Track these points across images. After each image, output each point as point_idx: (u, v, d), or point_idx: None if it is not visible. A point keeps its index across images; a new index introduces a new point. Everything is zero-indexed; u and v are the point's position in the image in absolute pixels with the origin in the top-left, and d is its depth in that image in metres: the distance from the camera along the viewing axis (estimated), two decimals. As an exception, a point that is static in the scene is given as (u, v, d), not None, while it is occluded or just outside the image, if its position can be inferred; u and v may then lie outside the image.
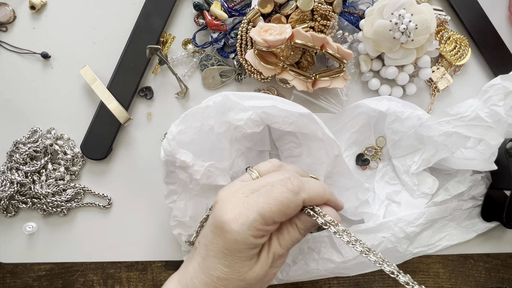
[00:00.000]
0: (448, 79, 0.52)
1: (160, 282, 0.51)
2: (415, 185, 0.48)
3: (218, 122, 0.42)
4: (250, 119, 0.41)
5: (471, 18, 0.52)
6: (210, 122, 0.42)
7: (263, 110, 0.41)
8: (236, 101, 0.41)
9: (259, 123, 0.42)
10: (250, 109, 0.41)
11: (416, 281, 0.51)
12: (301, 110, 0.42)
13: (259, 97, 0.43)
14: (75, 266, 0.52)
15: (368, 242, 0.47)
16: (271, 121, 0.41)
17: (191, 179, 0.43)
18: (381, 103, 0.48)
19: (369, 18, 0.48)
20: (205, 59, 0.51)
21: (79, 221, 0.52)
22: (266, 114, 0.41)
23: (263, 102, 0.41)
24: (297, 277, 0.47)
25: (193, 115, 0.42)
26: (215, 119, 0.42)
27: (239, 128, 0.41)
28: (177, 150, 0.41)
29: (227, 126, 0.42)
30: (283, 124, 0.42)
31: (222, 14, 0.49)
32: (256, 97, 0.42)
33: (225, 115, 0.42)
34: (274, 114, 0.41)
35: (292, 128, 0.42)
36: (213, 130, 0.42)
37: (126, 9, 0.52)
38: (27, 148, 0.50)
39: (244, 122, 0.41)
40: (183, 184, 0.44)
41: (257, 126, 0.42)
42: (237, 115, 0.41)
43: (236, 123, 0.41)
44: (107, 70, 0.51)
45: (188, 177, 0.43)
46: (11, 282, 0.52)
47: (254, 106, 0.41)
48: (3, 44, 0.52)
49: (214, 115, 0.42)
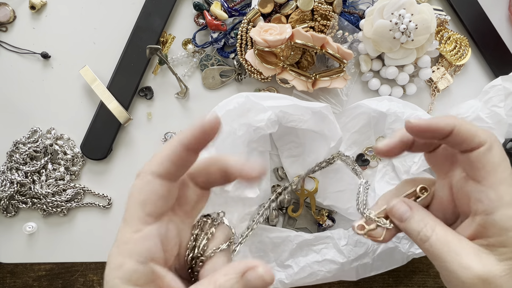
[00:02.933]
0: (448, 79, 0.52)
1: (160, 282, 0.51)
2: None
3: (238, 124, 0.41)
4: (270, 120, 0.41)
5: (471, 18, 0.52)
6: (233, 125, 0.40)
7: (281, 109, 0.41)
8: (256, 102, 0.41)
9: (276, 123, 0.41)
10: (269, 109, 0.41)
11: (416, 281, 0.51)
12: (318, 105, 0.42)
13: (276, 97, 0.42)
14: (75, 266, 0.52)
15: (370, 242, 0.47)
16: (287, 119, 0.41)
17: (221, 191, 0.41)
18: (381, 103, 0.48)
19: (369, 18, 0.48)
20: (205, 59, 0.51)
21: (79, 221, 0.52)
22: (283, 113, 0.41)
23: (281, 101, 0.41)
24: (301, 280, 0.47)
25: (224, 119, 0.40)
26: (236, 121, 0.41)
27: (259, 129, 0.40)
28: None
29: (246, 128, 0.41)
30: (299, 122, 0.41)
31: (222, 14, 0.49)
32: (273, 97, 0.42)
33: (244, 117, 0.41)
34: (291, 113, 0.41)
35: (307, 126, 0.42)
36: (235, 134, 0.41)
37: (126, 9, 0.52)
38: (27, 148, 0.50)
39: (265, 123, 0.40)
40: None
41: (274, 126, 0.41)
42: (257, 116, 0.40)
43: (257, 124, 0.40)
44: (107, 70, 0.51)
45: (219, 189, 0.41)
46: (11, 282, 0.52)
47: (273, 106, 0.41)
48: (3, 44, 0.52)
49: (235, 117, 0.41)
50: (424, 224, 0.30)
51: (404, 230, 0.32)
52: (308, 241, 0.48)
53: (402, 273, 0.51)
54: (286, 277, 0.47)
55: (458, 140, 0.30)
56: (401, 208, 0.32)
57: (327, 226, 0.49)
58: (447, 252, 0.29)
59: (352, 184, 0.47)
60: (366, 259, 0.47)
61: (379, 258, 0.47)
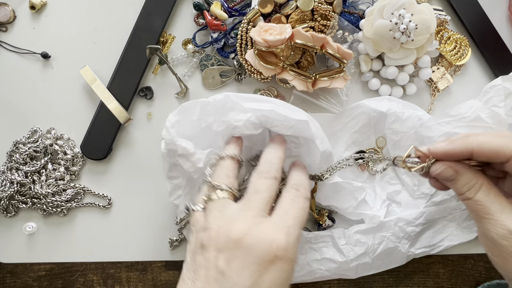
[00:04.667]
0: (448, 79, 0.52)
1: (160, 282, 0.51)
2: (415, 185, 0.48)
3: (218, 120, 0.42)
4: (249, 121, 0.41)
5: (471, 18, 0.52)
6: (209, 119, 0.42)
7: (263, 113, 0.41)
8: (236, 102, 0.41)
9: (258, 125, 0.41)
10: (250, 111, 0.41)
11: (416, 281, 0.51)
12: (299, 117, 0.41)
13: (260, 99, 0.42)
14: (75, 266, 0.52)
15: (369, 242, 0.47)
16: (271, 124, 0.41)
17: (195, 168, 0.42)
18: (381, 103, 0.48)
19: (369, 18, 0.48)
20: (205, 59, 0.51)
21: (79, 221, 0.52)
22: (265, 117, 0.41)
23: (263, 105, 0.41)
24: (300, 277, 0.47)
25: (189, 109, 0.42)
26: (214, 117, 0.42)
27: (237, 129, 0.41)
28: (177, 138, 0.41)
29: (226, 126, 0.42)
30: (282, 128, 0.41)
31: (222, 14, 0.49)
32: (257, 99, 0.42)
33: (225, 115, 0.42)
34: (274, 118, 0.41)
35: (291, 132, 0.41)
36: (211, 128, 0.42)
37: (126, 9, 0.52)
38: (27, 148, 0.50)
39: (243, 123, 0.41)
40: (187, 177, 0.43)
41: (255, 128, 0.41)
42: (236, 116, 0.41)
43: (235, 124, 0.41)
44: (107, 70, 0.51)
45: (192, 166, 0.42)
46: (11, 282, 0.52)
47: (254, 108, 0.41)
48: (3, 44, 0.52)
49: (214, 113, 0.42)
50: (468, 188, 0.35)
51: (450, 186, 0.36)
52: (308, 239, 0.48)
53: (402, 273, 0.51)
54: None
55: (484, 158, 0.34)
56: (448, 173, 0.35)
57: (327, 226, 0.49)
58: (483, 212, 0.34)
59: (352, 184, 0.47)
60: (366, 259, 0.47)
61: (378, 257, 0.47)
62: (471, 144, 0.34)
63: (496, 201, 0.34)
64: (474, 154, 0.34)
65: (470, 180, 0.35)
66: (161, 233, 0.51)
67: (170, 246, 0.50)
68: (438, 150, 0.35)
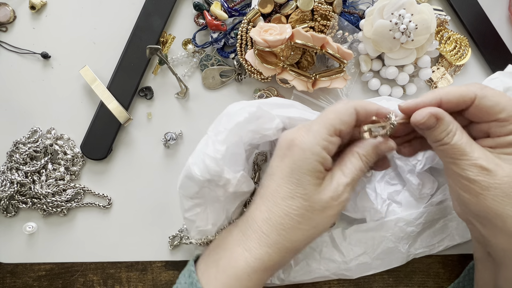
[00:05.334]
0: (448, 79, 0.52)
1: (160, 282, 0.51)
2: (420, 185, 0.48)
3: (245, 131, 0.41)
4: (277, 128, 0.41)
5: (471, 18, 0.52)
6: (241, 133, 0.41)
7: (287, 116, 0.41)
8: (266, 111, 0.41)
9: (281, 130, 0.42)
10: (277, 117, 0.41)
11: (416, 281, 0.51)
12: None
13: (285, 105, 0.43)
14: (75, 266, 0.52)
15: (369, 242, 0.47)
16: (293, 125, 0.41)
17: (224, 192, 0.41)
18: (380, 103, 0.47)
19: (369, 18, 0.48)
20: (205, 59, 0.51)
21: (79, 221, 0.52)
22: (289, 119, 0.42)
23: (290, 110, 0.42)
24: (299, 277, 0.47)
25: (232, 130, 0.40)
26: (245, 128, 0.41)
27: (265, 137, 0.41)
28: (224, 169, 0.39)
29: (252, 135, 0.41)
30: None
31: (222, 14, 0.49)
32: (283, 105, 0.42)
33: (253, 124, 0.41)
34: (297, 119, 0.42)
35: None
36: (241, 140, 0.41)
37: (126, 9, 0.52)
38: (27, 148, 0.50)
39: (272, 132, 0.41)
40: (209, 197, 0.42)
41: (279, 133, 0.41)
42: (265, 125, 0.41)
43: (265, 133, 0.41)
44: (107, 70, 0.51)
45: (223, 192, 0.41)
46: (11, 282, 0.52)
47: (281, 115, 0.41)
48: (3, 44, 0.52)
49: (244, 125, 0.41)
50: (447, 133, 0.36)
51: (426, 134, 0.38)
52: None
53: (402, 273, 0.51)
54: (284, 274, 0.47)
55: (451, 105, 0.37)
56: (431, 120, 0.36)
57: (327, 226, 0.49)
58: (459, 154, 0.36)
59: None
60: (366, 259, 0.47)
61: (378, 257, 0.47)
62: (439, 94, 0.37)
63: (468, 143, 0.36)
64: (442, 103, 0.37)
65: (448, 125, 0.36)
66: (161, 233, 0.51)
67: (170, 246, 0.50)
68: (409, 105, 0.37)
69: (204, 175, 0.39)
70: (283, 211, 0.36)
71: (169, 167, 0.51)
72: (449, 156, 0.37)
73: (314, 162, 0.36)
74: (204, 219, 0.43)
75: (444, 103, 0.37)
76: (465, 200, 0.37)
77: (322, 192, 0.36)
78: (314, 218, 0.36)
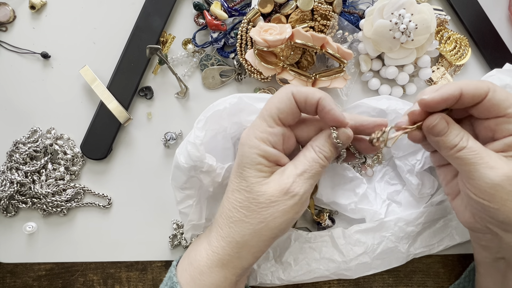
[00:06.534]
0: (448, 79, 0.52)
1: (160, 282, 0.51)
2: (420, 185, 0.48)
3: (230, 123, 0.42)
4: None
5: (471, 18, 0.52)
6: (224, 123, 0.42)
7: None
8: (248, 103, 0.42)
9: None
10: None
11: (416, 281, 0.51)
12: None
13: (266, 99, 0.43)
14: (75, 266, 0.52)
15: (369, 242, 0.47)
16: None
17: (213, 183, 0.42)
18: (380, 102, 0.48)
19: (369, 18, 0.48)
20: (205, 59, 0.51)
21: (79, 221, 0.52)
22: None
23: None
24: (299, 277, 0.47)
25: (212, 118, 0.41)
26: (227, 120, 0.42)
27: None
28: (205, 155, 0.40)
29: (237, 127, 0.42)
30: None
31: (222, 14, 0.49)
32: (264, 99, 0.43)
33: (236, 116, 0.42)
34: None
35: None
36: (225, 131, 0.42)
37: (126, 9, 0.52)
38: (27, 148, 0.50)
39: None
40: (199, 188, 0.43)
41: None
42: (249, 117, 0.42)
43: (248, 124, 0.42)
44: (107, 70, 0.51)
45: (211, 181, 0.42)
46: (11, 282, 0.52)
47: None
48: (3, 44, 0.52)
49: (226, 116, 0.42)
50: (460, 137, 0.36)
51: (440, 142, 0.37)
52: (307, 239, 0.48)
53: (402, 273, 0.51)
54: (284, 274, 0.47)
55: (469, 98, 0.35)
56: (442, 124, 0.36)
57: (327, 226, 0.49)
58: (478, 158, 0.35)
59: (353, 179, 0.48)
60: (365, 259, 0.47)
61: (378, 257, 0.47)
62: (460, 85, 0.35)
63: (482, 147, 0.36)
64: (463, 94, 0.35)
65: (460, 130, 0.36)
66: (161, 233, 0.51)
67: (170, 246, 0.51)
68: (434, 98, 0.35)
69: (188, 162, 0.40)
70: (231, 204, 0.38)
71: (169, 167, 0.51)
72: (469, 162, 0.35)
73: (253, 155, 0.37)
74: (197, 213, 0.44)
75: (464, 94, 0.35)
76: (486, 208, 0.35)
77: (267, 184, 0.36)
78: (261, 212, 0.36)
